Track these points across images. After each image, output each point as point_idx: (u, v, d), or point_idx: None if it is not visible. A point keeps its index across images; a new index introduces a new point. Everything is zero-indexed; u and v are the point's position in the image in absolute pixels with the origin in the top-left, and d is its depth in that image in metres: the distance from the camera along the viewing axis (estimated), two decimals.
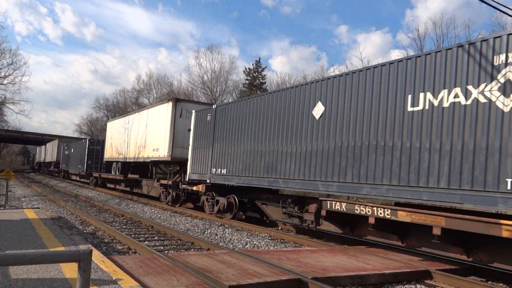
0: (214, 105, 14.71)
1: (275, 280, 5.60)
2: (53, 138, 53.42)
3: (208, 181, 14.18)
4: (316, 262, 7.01)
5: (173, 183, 17.32)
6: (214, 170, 13.87)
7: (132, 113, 23.57)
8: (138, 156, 20.89)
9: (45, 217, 10.04)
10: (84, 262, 2.66)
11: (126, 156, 22.88)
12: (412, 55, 7.70)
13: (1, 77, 38.16)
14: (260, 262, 6.66)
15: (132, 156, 21.86)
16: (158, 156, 18.21)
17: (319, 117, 9.67)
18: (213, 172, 13.92)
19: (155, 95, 61.69)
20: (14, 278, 4.67)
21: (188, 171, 15.69)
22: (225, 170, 13.27)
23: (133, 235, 10.27)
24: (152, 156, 18.92)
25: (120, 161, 24.31)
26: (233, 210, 13.32)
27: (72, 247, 6.58)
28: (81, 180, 33.81)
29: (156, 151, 18.49)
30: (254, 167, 11.84)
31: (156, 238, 10.17)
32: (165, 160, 17.78)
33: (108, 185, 27.41)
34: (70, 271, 4.98)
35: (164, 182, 18.03)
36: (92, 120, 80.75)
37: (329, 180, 9.21)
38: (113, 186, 26.40)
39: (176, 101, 17.72)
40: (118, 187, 25.49)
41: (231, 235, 10.75)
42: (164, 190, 18.15)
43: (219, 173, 13.58)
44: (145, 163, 20.39)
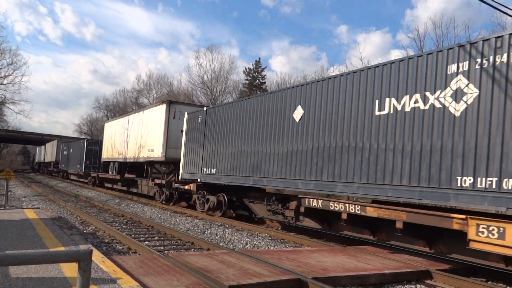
0: (205, 108, 15.38)
1: (275, 280, 5.62)
2: (53, 138, 53.83)
3: (199, 180, 14.84)
4: (316, 262, 7.03)
5: (167, 183, 17.99)
6: (205, 170, 14.53)
7: (129, 115, 24.22)
8: (134, 156, 21.55)
9: (45, 217, 10.05)
10: (84, 262, 2.67)
11: (123, 156, 23.53)
12: (380, 63, 8.33)
13: (1, 77, 38.10)
14: (260, 262, 6.68)
15: (129, 156, 22.52)
16: (153, 156, 18.89)
17: (299, 120, 10.32)
18: (204, 172, 14.57)
19: (155, 95, 61.60)
20: (14, 277, 4.71)
21: (181, 171, 16.35)
22: (215, 170, 13.92)
23: (133, 235, 10.29)
24: (147, 156, 19.59)
25: (117, 161, 24.98)
26: (223, 208, 13.99)
27: (72, 247, 6.60)
28: (80, 180, 34.44)
29: (151, 152, 19.17)
30: (241, 167, 12.50)
31: (156, 238, 10.21)
32: (160, 160, 18.47)
33: (106, 185, 28.05)
34: (70, 271, 5.02)
35: (158, 182, 18.70)
36: (92, 120, 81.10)
37: (308, 179, 9.86)
38: (111, 186, 27.04)
39: (170, 103, 18.40)
40: (115, 187, 26.11)
41: (231, 235, 10.84)
42: (159, 189, 18.81)
43: (209, 173, 14.24)
44: (141, 163, 21.07)
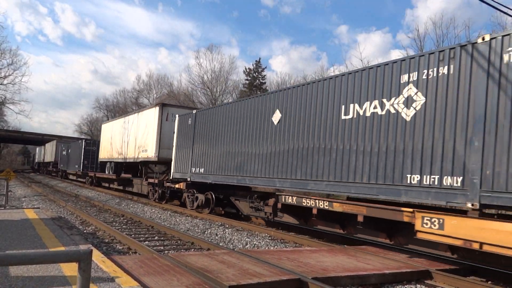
0: (194, 111, 16.20)
1: (275, 280, 5.63)
2: (53, 139, 54.53)
3: (189, 179, 15.67)
4: (316, 262, 7.05)
5: (159, 182, 18.83)
6: (194, 169, 15.35)
7: (125, 116, 25.07)
8: (130, 157, 22.41)
9: (46, 217, 10.10)
10: (85, 262, 2.67)
11: (119, 157, 24.38)
12: (346, 72, 9.16)
13: (1, 77, 38.60)
14: (260, 262, 6.70)
15: (124, 157, 23.37)
16: (147, 157, 19.74)
17: (277, 123, 11.14)
18: (193, 171, 15.40)
19: (155, 95, 62.05)
20: (14, 277, 4.73)
21: (172, 170, 17.18)
22: (203, 169, 14.75)
23: (133, 235, 10.36)
24: (142, 157, 20.44)
25: (114, 161, 25.84)
26: (210, 205, 14.82)
27: (73, 247, 6.62)
28: (78, 180, 35.25)
29: (145, 152, 20.02)
30: (227, 167, 13.32)
31: (156, 238, 10.28)
32: (153, 160, 19.31)
33: (103, 184, 28.88)
34: (70, 270, 5.04)
35: (152, 181, 19.53)
36: (92, 120, 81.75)
37: (284, 178, 10.67)
38: (108, 185, 27.87)
39: (162, 106, 19.26)
40: (112, 186, 26.95)
41: (231, 235, 10.94)
42: (152, 188, 19.65)
43: (198, 172, 15.06)
44: (136, 163, 21.91)
